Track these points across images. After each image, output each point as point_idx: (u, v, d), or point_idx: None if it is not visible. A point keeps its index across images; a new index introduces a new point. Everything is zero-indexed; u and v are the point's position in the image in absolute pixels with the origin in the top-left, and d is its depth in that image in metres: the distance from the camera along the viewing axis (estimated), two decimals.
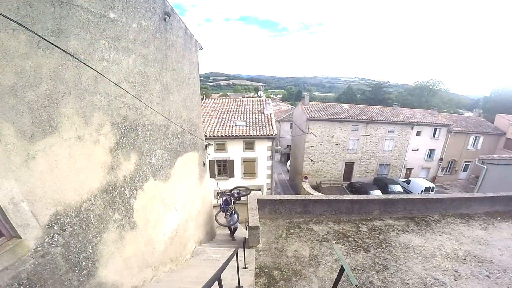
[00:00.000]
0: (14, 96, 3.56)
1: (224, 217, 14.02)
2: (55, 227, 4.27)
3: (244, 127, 28.81)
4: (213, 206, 16.89)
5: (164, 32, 8.01)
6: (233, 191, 15.68)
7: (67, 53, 4.29)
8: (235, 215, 14.34)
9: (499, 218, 13.00)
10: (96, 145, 5.27)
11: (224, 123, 29.35)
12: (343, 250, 9.76)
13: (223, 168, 29.61)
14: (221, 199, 14.45)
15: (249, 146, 28.83)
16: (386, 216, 12.60)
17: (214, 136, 26.95)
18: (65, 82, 4.38)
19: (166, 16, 7.93)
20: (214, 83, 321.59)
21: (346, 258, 9.27)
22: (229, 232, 15.35)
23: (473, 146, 44.85)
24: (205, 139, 15.15)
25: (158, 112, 7.66)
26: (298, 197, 12.63)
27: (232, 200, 14.48)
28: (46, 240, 4.10)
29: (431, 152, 43.56)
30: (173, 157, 9.15)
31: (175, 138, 9.20)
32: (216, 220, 14.04)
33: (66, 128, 4.43)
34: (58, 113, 4.27)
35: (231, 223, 14.11)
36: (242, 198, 14.94)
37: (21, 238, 3.78)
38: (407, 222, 12.16)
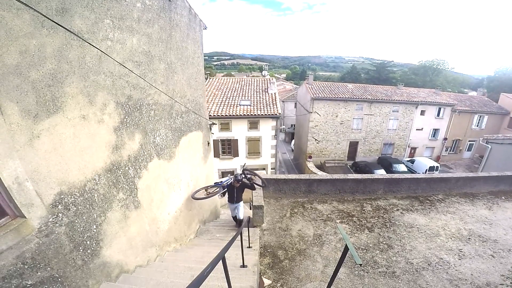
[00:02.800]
0: (18, 76, 3.50)
1: (205, 190, 11.04)
2: (60, 207, 4.25)
3: (249, 107, 28.76)
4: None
5: (169, 11, 7.88)
6: (245, 172, 12.17)
7: (72, 32, 4.22)
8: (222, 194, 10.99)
9: (503, 198, 12.98)
10: (100, 124, 5.21)
11: (228, 103, 29.34)
12: (347, 230, 9.78)
13: (227, 148, 29.64)
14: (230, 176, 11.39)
15: (254, 125, 28.83)
16: (390, 196, 12.61)
17: (218, 115, 26.90)
18: (69, 62, 4.31)
19: None
20: (219, 62, 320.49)
21: (351, 237, 9.29)
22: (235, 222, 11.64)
23: (477, 126, 44.66)
24: (210, 118, 15.03)
25: (162, 91, 7.58)
26: (303, 176, 12.61)
27: (229, 182, 10.79)
28: (50, 220, 4.08)
29: (435, 131, 43.46)
30: (178, 136, 9.09)
31: (179, 117, 9.14)
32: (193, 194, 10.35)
33: (70, 107, 4.38)
34: (63, 92, 4.22)
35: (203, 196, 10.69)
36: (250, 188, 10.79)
37: (25, 218, 3.75)
38: (411, 201, 12.17)
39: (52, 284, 4.06)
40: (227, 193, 10.94)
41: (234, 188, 10.48)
